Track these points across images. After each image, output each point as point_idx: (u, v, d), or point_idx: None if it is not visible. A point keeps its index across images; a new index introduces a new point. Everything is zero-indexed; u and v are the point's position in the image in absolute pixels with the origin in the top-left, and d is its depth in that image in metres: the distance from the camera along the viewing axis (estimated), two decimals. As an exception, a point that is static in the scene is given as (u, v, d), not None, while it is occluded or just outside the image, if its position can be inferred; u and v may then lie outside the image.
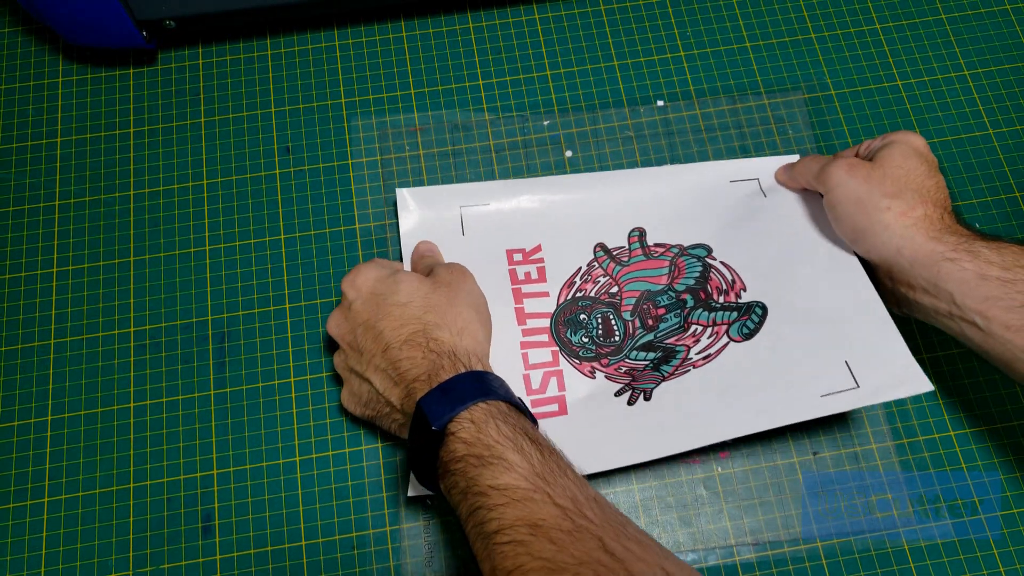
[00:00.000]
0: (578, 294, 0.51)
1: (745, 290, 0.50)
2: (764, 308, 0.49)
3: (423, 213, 0.52)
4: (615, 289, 0.51)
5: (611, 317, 0.50)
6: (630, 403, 0.47)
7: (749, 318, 0.49)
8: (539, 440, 0.38)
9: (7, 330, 0.52)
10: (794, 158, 0.54)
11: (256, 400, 0.50)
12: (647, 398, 0.47)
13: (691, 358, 0.48)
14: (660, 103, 0.58)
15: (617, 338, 0.50)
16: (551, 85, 0.58)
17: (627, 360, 0.49)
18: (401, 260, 0.52)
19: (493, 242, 0.52)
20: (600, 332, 0.50)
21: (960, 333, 0.43)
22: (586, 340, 0.50)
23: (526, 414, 0.41)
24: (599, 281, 0.52)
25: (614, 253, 0.52)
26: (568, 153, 0.56)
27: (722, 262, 0.51)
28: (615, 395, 0.48)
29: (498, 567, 0.33)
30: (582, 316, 0.50)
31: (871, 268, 0.48)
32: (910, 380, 0.43)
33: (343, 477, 0.48)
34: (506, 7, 0.61)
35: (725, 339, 0.48)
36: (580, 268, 0.52)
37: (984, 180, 0.56)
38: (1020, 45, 0.60)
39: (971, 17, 0.61)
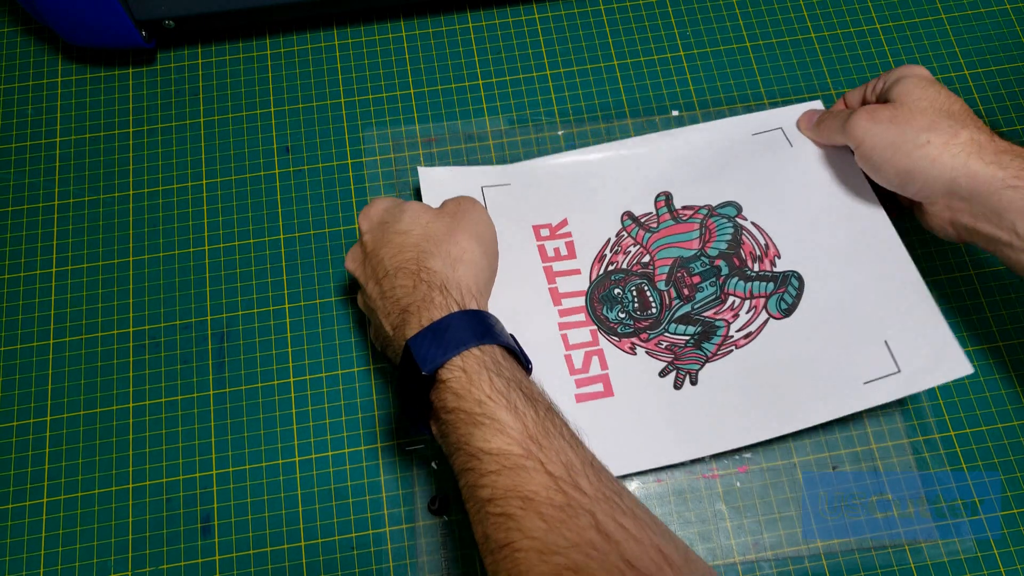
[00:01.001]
0: (610, 267, 0.51)
1: (780, 257, 0.50)
2: (800, 279, 0.49)
3: (444, 191, 0.51)
4: (647, 258, 0.51)
5: (646, 288, 0.50)
6: (677, 387, 0.47)
7: (786, 290, 0.48)
8: (534, 395, 0.36)
9: (7, 330, 0.52)
10: (816, 104, 0.53)
11: (256, 400, 0.50)
12: (693, 382, 0.47)
13: (732, 336, 0.48)
14: (675, 112, 0.58)
15: (654, 310, 0.49)
16: (567, 95, 0.58)
17: (667, 334, 0.49)
18: None
19: (518, 219, 0.51)
20: (636, 305, 0.49)
21: (1019, 264, 0.41)
22: (623, 316, 0.49)
23: (521, 359, 0.39)
24: (630, 251, 0.51)
25: (642, 220, 0.52)
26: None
27: (753, 223, 0.51)
28: (659, 375, 0.47)
29: (490, 536, 0.33)
30: (616, 291, 0.50)
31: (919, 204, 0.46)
32: (950, 361, 0.43)
33: (343, 477, 0.48)
34: (511, 5, 0.61)
35: (764, 315, 0.48)
36: (609, 240, 0.51)
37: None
38: (1020, 45, 0.60)
39: (971, 17, 0.61)
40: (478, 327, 0.37)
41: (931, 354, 0.44)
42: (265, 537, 0.47)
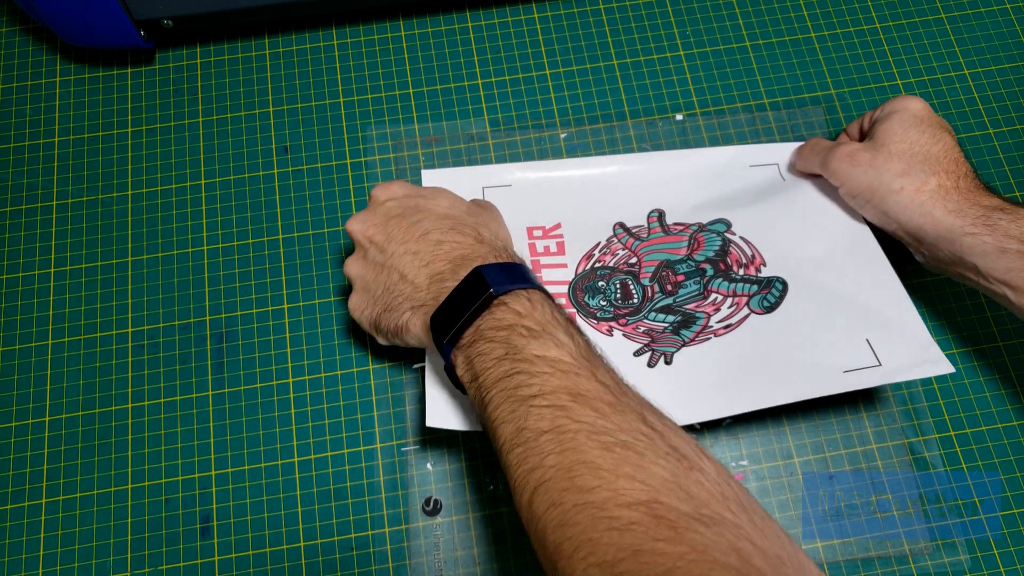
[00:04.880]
0: (596, 264, 0.51)
1: (765, 265, 0.50)
2: (784, 284, 0.49)
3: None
4: (634, 260, 0.51)
5: (630, 283, 0.51)
6: (650, 365, 0.47)
7: (770, 292, 0.49)
8: (584, 333, 0.39)
9: (6, 330, 0.52)
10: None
11: (255, 400, 0.50)
12: (668, 362, 0.47)
13: (711, 326, 0.48)
14: (679, 116, 0.58)
15: (635, 300, 0.50)
16: (567, 95, 0.58)
17: (645, 321, 0.49)
18: None
19: (513, 220, 0.52)
20: (618, 296, 0.50)
21: (992, 298, 0.45)
22: (604, 303, 0.50)
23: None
24: (618, 254, 0.52)
25: (633, 230, 0.53)
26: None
27: (741, 237, 0.51)
28: (634, 355, 0.47)
29: (531, 426, 0.33)
30: (600, 283, 0.51)
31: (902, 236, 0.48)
32: (932, 361, 0.44)
33: (343, 478, 0.48)
34: (510, 5, 0.61)
35: (746, 311, 0.49)
36: (599, 243, 0.52)
37: (984, 180, 0.56)
38: (1020, 45, 0.60)
39: (971, 17, 0.61)
40: (538, 281, 0.41)
41: (912, 355, 0.44)
42: (264, 538, 0.47)
